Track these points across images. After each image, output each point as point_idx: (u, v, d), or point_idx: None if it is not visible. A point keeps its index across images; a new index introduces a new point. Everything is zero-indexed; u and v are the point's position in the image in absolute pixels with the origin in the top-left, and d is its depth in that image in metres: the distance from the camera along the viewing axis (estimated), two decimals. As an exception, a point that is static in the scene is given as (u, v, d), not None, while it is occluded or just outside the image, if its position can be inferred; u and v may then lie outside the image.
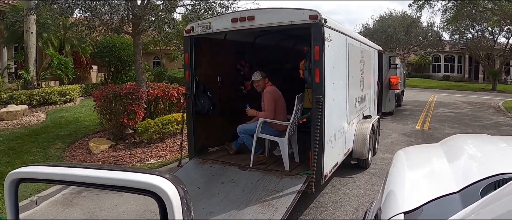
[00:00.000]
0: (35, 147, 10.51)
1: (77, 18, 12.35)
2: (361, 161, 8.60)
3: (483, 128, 14.70)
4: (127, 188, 1.38)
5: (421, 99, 25.95)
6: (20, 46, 18.23)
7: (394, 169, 3.15)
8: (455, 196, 2.16)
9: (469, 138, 3.81)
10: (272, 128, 6.90)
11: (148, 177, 1.33)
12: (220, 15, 7.63)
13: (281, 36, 9.81)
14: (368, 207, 3.20)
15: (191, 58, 7.29)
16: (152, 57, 33.62)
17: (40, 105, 15.64)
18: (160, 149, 10.32)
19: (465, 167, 2.75)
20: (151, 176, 1.33)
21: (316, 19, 5.71)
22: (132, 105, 10.35)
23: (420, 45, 45.66)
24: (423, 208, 2.09)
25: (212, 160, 7.23)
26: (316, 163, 5.76)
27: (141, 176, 1.34)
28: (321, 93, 5.79)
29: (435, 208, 2.06)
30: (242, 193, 5.85)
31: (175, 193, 1.29)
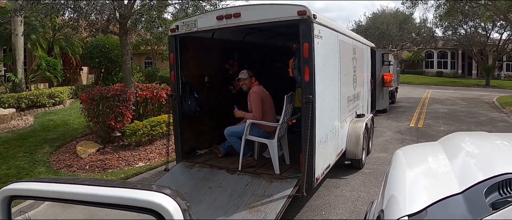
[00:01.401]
0: (22, 152, 10.28)
1: (63, 19, 12.09)
2: (355, 161, 8.38)
3: (478, 124, 14.58)
4: (124, 206, 1.34)
5: (415, 96, 25.86)
6: (8, 48, 17.97)
7: (394, 169, 3.08)
8: (459, 197, 2.11)
9: (468, 136, 3.73)
10: (261, 130, 6.66)
11: (147, 194, 1.29)
12: (205, 13, 7.39)
13: (271, 34, 9.57)
14: (368, 209, 3.15)
15: (176, 58, 7.05)
16: (143, 57, 33.40)
17: (29, 108, 15.45)
18: (148, 151, 10.08)
19: (466, 166, 2.69)
20: (151, 193, 1.29)
21: (305, 15, 5.47)
22: (120, 107, 10.10)
23: (413, 42, 45.78)
24: (427, 210, 2.03)
25: (200, 164, 6.99)
26: (307, 166, 5.53)
27: (140, 193, 1.30)
28: (311, 92, 5.55)
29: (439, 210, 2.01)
30: (230, 198, 5.62)
31: (177, 209, 1.25)
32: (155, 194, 1.28)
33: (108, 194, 1.39)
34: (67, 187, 1.54)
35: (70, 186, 1.55)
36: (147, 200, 1.27)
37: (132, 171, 8.70)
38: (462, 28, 40.51)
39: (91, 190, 1.44)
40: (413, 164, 3.13)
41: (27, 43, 18.01)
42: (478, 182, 2.18)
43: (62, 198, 1.57)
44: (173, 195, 1.29)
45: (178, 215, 1.25)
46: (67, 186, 1.56)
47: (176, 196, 1.29)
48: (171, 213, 1.23)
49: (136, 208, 1.31)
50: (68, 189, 1.52)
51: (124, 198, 1.33)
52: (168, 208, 1.24)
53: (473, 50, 40.76)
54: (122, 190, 1.37)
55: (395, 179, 2.84)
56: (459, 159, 2.90)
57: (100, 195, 1.40)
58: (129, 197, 1.32)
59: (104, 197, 1.39)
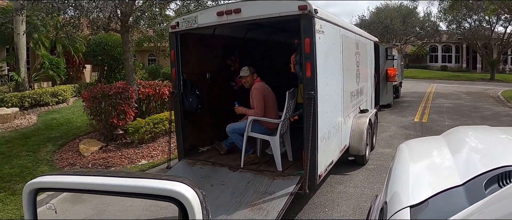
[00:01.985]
0: (25, 151, 10.27)
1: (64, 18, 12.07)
2: (358, 157, 8.31)
3: (483, 119, 14.47)
4: (147, 195, 1.45)
5: (419, 90, 25.72)
6: (11, 47, 17.99)
7: (398, 163, 3.09)
8: (460, 189, 2.14)
9: (471, 130, 3.74)
10: (263, 126, 6.60)
11: (169, 184, 1.38)
12: (205, 9, 7.32)
13: (272, 30, 9.51)
14: (372, 202, 3.19)
15: (177, 55, 7.00)
16: (147, 54, 33.40)
17: (32, 107, 15.47)
18: (151, 149, 10.04)
19: (468, 159, 2.70)
20: (171, 182, 1.38)
21: (305, 10, 5.39)
22: (122, 105, 10.07)
23: (417, 36, 45.51)
24: (429, 201, 2.07)
25: (202, 161, 6.94)
26: (309, 162, 5.46)
27: (162, 183, 1.41)
28: (313, 88, 5.48)
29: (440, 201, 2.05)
30: (231, 196, 5.57)
31: (195, 197, 1.36)
32: (176, 184, 1.37)
33: (132, 184, 1.46)
34: (92, 179, 1.63)
35: (94, 178, 1.64)
36: (168, 189, 1.36)
37: (134, 169, 8.67)
38: (467, 22, 40.23)
39: (115, 181, 1.52)
40: (416, 158, 3.12)
41: (30, 42, 18.04)
42: (478, 174, 2.21)
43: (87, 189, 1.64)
44: (192, 185, 1.38)
45: (197, 203, 1.34)
46: (91, 178, 1.64)
47: (194, 186, 1.39)
48: (190, 201, 1.33)
49: (158, 196, 1.40)
50: (93, 180, 1.60)
51: (147, 187, 1.42)
52: (188, 196, 1.33)
53: (478, 44, 40.52)
54: (145, 180, 1.46)
55: (398, 172, 2.85)
56: (461, 153, 2.89)
57: (125, 185, 1.47)
58: (152, 187, 1.41)
59: (128, 187, 1.46)
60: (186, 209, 1.34)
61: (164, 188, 1.38)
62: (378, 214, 2.59)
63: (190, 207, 1.33)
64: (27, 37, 17.07)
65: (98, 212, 6.49)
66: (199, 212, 1.35)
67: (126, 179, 1.53)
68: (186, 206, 1.34)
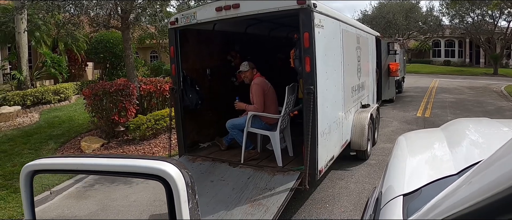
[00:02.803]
0: (26, 149, 10.29)
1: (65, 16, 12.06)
2: (360, 153, 8.28)
3: (486, 114, 14.38)
4: (135, 174, 1.52)
5: (422, 85, 25.64)
6: (13, 46, 18.00)
7: (396, 154, 3.09)
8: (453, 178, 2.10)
9: (470, 122, 3.71)
10: (263, 122, 6.57)
11: (155, 163, 1.41)
12: (204, 4, 7.29)
13: (273, 25, 9.48)
14: (370, 194, 3.15)
15: (176, 51, 6.97)
16: (149, 51, 33.38)
17: (34, 105, 15.46)
18: (153, 145, 10.06)
19: (466, 151, 2.68)
20: (158, 162, 1.41)
21: (304, 4, 5.36)
22: (123, 102, 10.07)
23: (419, 31, 45.36)
24: (422, 190, 2.10)
25: (202, 157, 6.93)
26: (309, 158, 5.43)
27: (148, 162, 1.45)
28: (313, 83, 5.45)
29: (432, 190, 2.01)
30: (231, 192, 5.55)
31: (180, 176, 1.37)
32: (162, 163, 1.40)
33: (120, 163, 1.52)
34: (85, 160, 1.69)
35: (87, 159, 1.70)
36: (154, 167, 1.39)
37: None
38: (469, 16, 40.08)
39: (106, 161, 1.60)
40: (414, 149, 3.12)
41: (31, 41, 18.04)
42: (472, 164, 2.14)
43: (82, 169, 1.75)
44: (178, 165, 1.40)
45: (181, 182, 1.36)
46: (84, 159, 1.72)
47: (181, 167, 1.41)
48: (175, 179, 1.35)
49: (145, 175, 1.44)
50: (86, 161, 1.67)
51: (134, 166, 1.46)
52: (173, 175, 1.35)
53: (481, 39, 40.36)
54: (133, 160, 1.50)
55: (396, 164, 2.85)
56: (458, 144, 2.88)
57: (115, 165, 1.54)
58: (139, 165, 1.45)
59: (117, 166, 1.52)
60: (171, 187, 1.36)
61: (150, 166, 1.41)
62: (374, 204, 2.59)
63: (175, 186, 1.35)
64: (28, 35, 17.10)
65: (103, 207, 6.54)
66: (184, 191, 1.37)
67: (116, 159, 1.59)
68: (171, 185, 1.36)
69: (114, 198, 6.77)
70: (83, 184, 7.47)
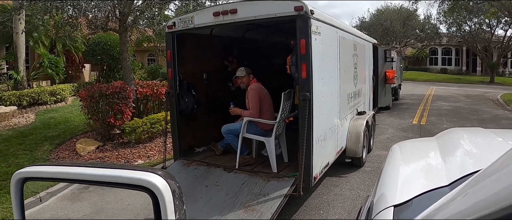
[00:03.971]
0: (21, 149, 10.26)
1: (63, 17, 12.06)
2: (355, 159, 8.29)
3: (481, 122, 14.42)
4: (122, 184, 1.48)
5: (418, 92, 25.70)
6: (11, 46, 17.97)
7: (389, 163, 3.08)
8: (445, 189, 2.12)
9: (465, 132, 3.69)
10: (258, 127, 6.58)
11: (141, 174, 1.42)
12: (201, 9, 7.31)
13: (271, 31, 9.49)
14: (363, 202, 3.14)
15: (173, 55, 6.97)
16: (146, 54, 33.34)
17: (30, 106, 15.44)
18: (148, 149, 10.03)
19: (459, 161, 2.68)
20: (144, 173, 1.43)
21: (301, 11, 5.38)
22: (119, 104, 10.05)
23: (417, 38, 45.53)
24: (413, 201, 2.09)
25: (197, 161, 6.92)
26: (304, 164, 5.44)
27: (135, 173, 1.45)
28: (309, 90, 5.47)
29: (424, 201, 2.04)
30: (226, 197, 5.55)
31: (166, 187, 1.38)
32: (149, 174, 1.41)
33: (109, 174, 1.53)
34: (74, 169, 1.70)
35: (76, 168, 1.71)
36: (141, 179, 1.40)
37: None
38: (467, 25, 40.25)
39: (95, 171, 1.59)
40: (407, 159, 3.12)
41: (29, 41, 18.01)
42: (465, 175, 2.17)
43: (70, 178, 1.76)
44: (164, 176, 1.41)
45: (168, 193, 1.37)
46: (73, 168, 1.72)
47: (167, 177, 1.42)
48: (161, 191, 1.36)
49: (132, 185, 1.45)
50: (76, 170, 1.67)
51: (122, 177, 1.46)
52: (159, 186, 1.36)
53: (478, 47, 40.53)
54: (121, 171, 1.51)
55: (389, 173, 2.85)
56: (451, 155, 2.88)
57: (102, 175, 1.55)
58: (126, 176, 1.45)
59: (105, 176, 1.53)
60: (158, 199, 1.38)
61: (136, 177, 1.42)
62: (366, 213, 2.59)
63: (161, 197, 1.36)
64: (26, 35, 17.06)
65: (97, 210, 6.53)
66: (170, 202, 1.38)
67: (104, 169, 1.61)
68: (158, 196, 1.37)
69: (108, 201, 6.75)
70: (78, 186, 7.41)
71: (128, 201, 6.57)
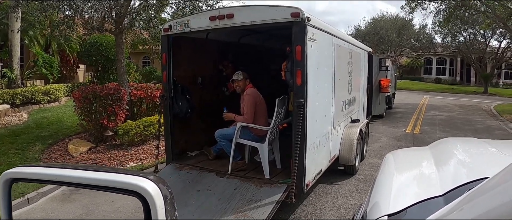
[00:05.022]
0: (13, 148, 10.19)
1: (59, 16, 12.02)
2: (348, 167, 8.29)
3: (475, 132, 14.50)
4: (112, 189, 1.47)
5: (412, 102, 25.78)
6: (6, 44, 17.88)
7: (383, 172, 3.11)
8: (439, 199, 2.16)
9: (458, 142, 3.73)
10: (252, 133, 6.56)
11: (132, 178, 1.41)
12: (198, 13, 7.31)
13: (266, 36, 9.49)
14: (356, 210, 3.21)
15: (168, 58, 6.96)
16: (141, 56, 33.31)
17: (23, 105, 15.34)
18: (141, 151, 10.00)
19: (453, 171, 2.71)
20: (135, 177, 1.42)
21: (298, 18, 5.39)
22: (113, 106, 10.02)
23: (412, 48, 45.70)
24: (407, 210, 2.10)
25: (190, 166, 6.90)
26: (297, 171, 5.43)
27: (126, 177, 1.44)
28: (303, 97, 5.47)
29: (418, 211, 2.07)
30: (217, 202, 5.53)
31: (157, 193, 1.37)
32: (140, 179, 1.40)
33: (99, 177, 1.51)
34: (64, 171, 1.67)
35: (66, 171, 1.67)
36: (131, 183, 1.39)
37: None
38: (461, 35, 40.48)
39: (85, 174, 1.56)
40: (401, 168, 3.14)
41: (25, 39, 17.93)
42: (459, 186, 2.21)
43: (59, 180, 1.72)
44: (156, 181, 1.40)
45: (159, 198, 1.36)
46: (64, 171, 1.68)
47: (159, 182, 1.41)
48: (152, 196, 1.35)
49: (122, 190, 1.43)
50: (65, 173, 1.64)
51: (112, 181, 1.45)
52: (150, 191, 1.35)
53: (472, 58, 40.76)
54: (112, 175, 1.50)
55: (382, 182, 2.87)
56: (445, 164, 2.91)
57: (92, 178, 1.52)
58: (117, 180, 1.44)
59: (95, 180, 1.52)
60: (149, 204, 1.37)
61: (127, 182, 1.41)
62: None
63: (152, 202, 1.35)
64: (22, 33, 16.99)
65: (87, 212, 6.51)
66: (162, 207, 1.37)
67: (94, 172, 1.57)
68: (149, 201, 1.36)
69: (99, 203, 6.72)
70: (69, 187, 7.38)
71: (119, 204, 6.53)
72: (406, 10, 28.89)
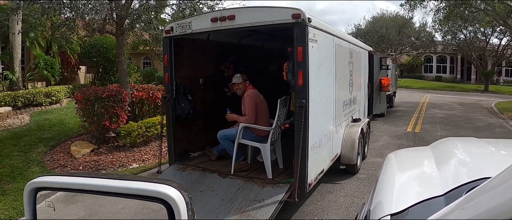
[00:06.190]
0: (16, 151, 10.21)
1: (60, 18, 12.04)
2: (349, 167, 8.30)
3: (476, 130, 14.51)
4: (139, 196, 1.55)
5: (413, 100, 25.79)
6: (7, 46, 17.90)
7: (385, 172, 3.14)
8: (441, 198, 2.18)
9: (459, 142, 3.72)
10: (254, 133, 6.60)
11: (158, 186, 1.49)
12: (199, 15, 7.34)
13: (267, 37, 9.51)
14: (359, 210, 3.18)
15: (170, 59, 6.99)
16: (142, 57, 33.31)
17: (25, 107, 15.38)
18: (143, 152, 10.02)
19: (453, 170, 2.72)
20: (160, 185, 1.49)
21: (299, 18, 5.41)
22: (115, 108, 10.05)
23: (412, 46, 45.68)
24: (409, 210, 2.13)
25: (193, 166, 6.92)
26: (299, 171, 5.47)
27: (151, 185, 1.51)
28: (305, 97, 5.49)
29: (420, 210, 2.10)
30: (221, 202, 5.56)
31: (181, 199, 1.45)
32: (164, 186, 1.47)
33: (124, 185, 1.58)
34: (87, 180, 1.72)
35: (89, 179, 1.73)
36: (157, 191, 1.47)
37: (125, 173, 8.63)
38: (462, 33, 40.44)
39: (109, 183, 1.64)
40: (403, 168, 3.16)
41: (26, 42, 17.94)
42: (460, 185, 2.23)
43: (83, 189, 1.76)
44: (178, 188, 1.48)
45: (183, 204, 1.44)
46: (87, 179, 1.74)
47: (181, 189, 1.48)
48: (177, 202, 1.43)
49: (147, 197, 1.50)
50: (88, 181, 1.70)
51: (138, 189, 1.52)
52: (175, 198, 1.43)
53: (472, 55, 40.70)
54: (136, 183, 1.56)
55: (384, 181, 2.89)
56: (446, 164, 2.93)
57: (118, 187, 1.60)
58: (142, 188, 1.51)
59: (121, 188, 1.58)
60: (173, 209, 1.43)
61: (153, 190, 1.48)
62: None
63: (177, 208, 1.43)
64: (23, 35, 17.01)
65: (91, 213, 6.49)
66: (185, 213, 1.44)
67: (119, 181, 1.64)
68: (173, 207, 1.43)
69: (102, 204, 6.72)
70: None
71: (122, 205, 6.54)
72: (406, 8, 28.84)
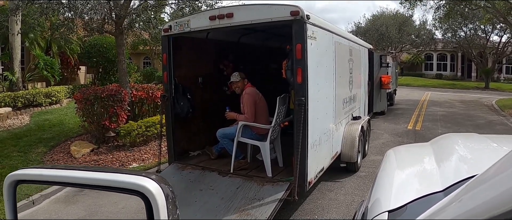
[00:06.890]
0: (16, 151, 10.21)
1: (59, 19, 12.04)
2: (350, 164, 8.28)
3: (476, 127, 14.47)
4: (115, 188, 1.49)
5: (413, 98, 25.76)
6: (7, 47, 17.90)
7: (384, 168, 3.09)
8: (440, 194, 2.13)
9: (459, 138, 3.69)
10: (253, 132, 6.57)
11: (135, 178, 1.43)
12: (198, 13, 7.32)
13: (267, 35, 9.48)
14: (357, 208, 3.15)
15: (169, 58, 6.97)
16: (142, 57, 33.33)
17: (25, 107, 15.38)
18: (143, 152, 10.01)
19: (454, 166, 2.65)
20: (137, 177, 1.43)
21: (297, 16, 5.39)
22: (114, 107, 10.03)
23: (412, 44, 45.65)
24: (407, 206, 2.09)
25: (192, 165, 6.91)
26: (299, 169, 5.44)
27: (128, 177, 1.45)
28: (304, 95, 5.47)
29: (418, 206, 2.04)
30: (220, 201, 5.54)
31: (159, 192, 1.38)
32: (142, 178, 1.41)
33: (101, 177, 1.54)
34: (67, 172, 1.70)
35: (69, 172, 1.70)
36: (134, 183, 1.40)
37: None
38: (462, 31, 40.41)
39: (87, 175, 1.58)
40: (402, 164, 3.13)
41: (25, 42, 17.94)
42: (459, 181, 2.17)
43: (62, 181, 1.77)
44: (157, 180, 1.41)
45: (161, 197, 1.37)
46: (67, 172, 1.72)
47: (160, 181, 1.42)
48: (154, 195, 1.36)
49: (125, 189, 1.44)
50: (68, 174, 1.67)
51: (115, 181, 1.47)
52: (152, 190, 1.37)
53: (473, 53, 40.66)
54: (114, 175, 1.51)
55: (383, 178, 2.86)
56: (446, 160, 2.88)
57: (95, 179, 1.55)
58: (119, 180, 1.45)
59: (98, 180, 1.55)
60: (151, 203, 1.38)
61: (129, 181, 1.42)
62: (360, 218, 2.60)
63: (155, 202, 1.37)
64: (22, 36, 17.00)
65: (90, 213, 6.53)
66: (163, 206, 1.38)
67: (97, 172, 1.60)
68: (150, 200, 1.37)
69: (102, 204, 6.74)
70: (72, 188, 7.38)
71: (122, 205, 6.55)
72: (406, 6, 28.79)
